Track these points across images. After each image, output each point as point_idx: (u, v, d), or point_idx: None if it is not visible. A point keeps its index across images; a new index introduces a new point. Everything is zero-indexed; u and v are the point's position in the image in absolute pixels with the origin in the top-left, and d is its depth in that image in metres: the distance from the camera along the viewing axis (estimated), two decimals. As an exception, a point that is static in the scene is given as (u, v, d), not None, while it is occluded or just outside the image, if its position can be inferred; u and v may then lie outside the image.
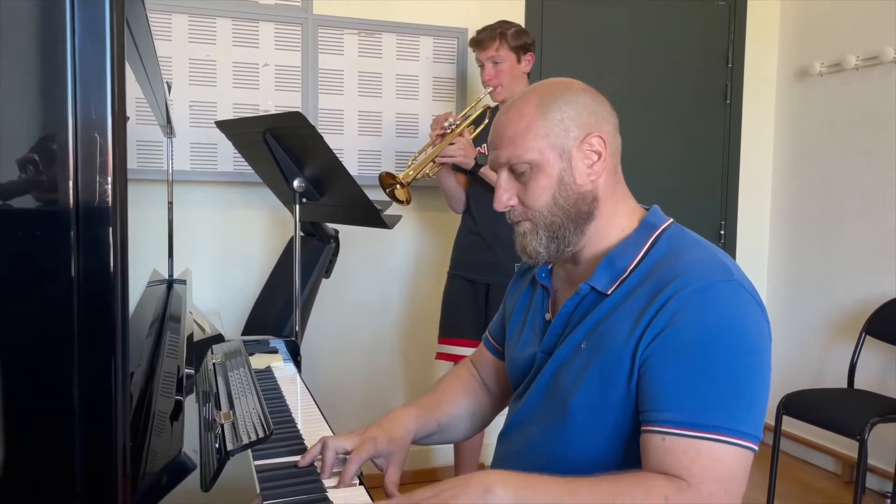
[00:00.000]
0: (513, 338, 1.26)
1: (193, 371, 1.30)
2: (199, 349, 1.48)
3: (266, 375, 1.69)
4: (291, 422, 1.37)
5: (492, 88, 2.48)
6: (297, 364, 1.83)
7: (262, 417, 1.01)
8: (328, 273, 2.41)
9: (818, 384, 3.12)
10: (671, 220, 1.12)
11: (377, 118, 2.92)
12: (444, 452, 2.98)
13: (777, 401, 2.67)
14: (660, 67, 3.34)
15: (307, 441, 1.26)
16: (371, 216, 2.08)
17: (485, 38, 2.47)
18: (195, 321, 1.71)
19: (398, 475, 1.16)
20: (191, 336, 1.50)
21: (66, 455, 0.59)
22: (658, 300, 0.99)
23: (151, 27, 1.16)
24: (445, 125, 2.45)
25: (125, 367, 0.60)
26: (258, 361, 1.77)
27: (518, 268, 1.36)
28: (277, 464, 1.16)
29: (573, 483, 0.94)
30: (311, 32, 2.80)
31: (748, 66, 3.48)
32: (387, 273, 3.03)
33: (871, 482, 2.94)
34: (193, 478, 0.83)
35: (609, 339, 1.03)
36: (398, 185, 2.36)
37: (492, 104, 2.57)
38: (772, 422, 2.58)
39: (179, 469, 0.80)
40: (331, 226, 2.40)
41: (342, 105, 2.87)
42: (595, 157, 1.08)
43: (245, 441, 0.93)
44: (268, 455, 1.18)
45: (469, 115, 2.52)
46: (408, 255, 3.05)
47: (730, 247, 3.51)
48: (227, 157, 2.72)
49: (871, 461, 2.85)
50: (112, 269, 0.58)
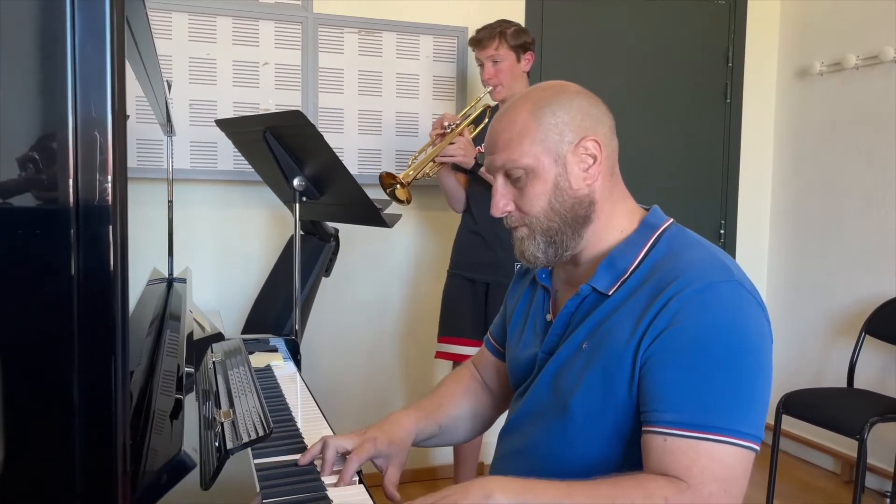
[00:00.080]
0: (514, 338, 1.26)
1: (193, 370, 1.30)
2: (199, 348, 1.48)
3: (266, 374, 1.69)
4: (291, 420, 1.37)
5: (491, 87, 2.48)
6: (297, 363, 1.84)
7: (262, 416, 1.01)
8: (328, 272, 2.41)
9: (818, 383, 3.12)
10: (671, 220, 1.12)
11: (377, 117, 2.92)
12: (444, 451, 2.98)
13: (777, 400, 2.67)
14: (660, 67, 3.34)
15: (307, 440, 1.26)
16: (371, 215, 2.08)
17: (484, 38, 2.47)
18: (195, 320, 1.71)
19: (398, 476, 1.16)
20: (191, 335, 1.50)
21: (67, 454, 0.59)
22: (659, 301, 0.99)
23: (151, 25, 1.16)
24: (445, 125, 2.45)
25: (125, 366, 0.60)
26: (258, 360, 1.77)
27: (518, 269, 1.36)
28: (277, 462, 1.16)
29: (572, 486, 0.94)
30: (312, 31, 2.80)
31: (748, 66, 3.47)
32: (387, 272, 3.03)
33: (871, 482, 2.94)
34: (193, 476, 0.83)
35: (610, 340, 1.03)
36: (398, 185, 2.36)
37: (492, 103, 2.57)
38: (771, 421, 2.58)
39: (179, 467, 0.80)
40: (331, 224, 2.40)
41: (342, 104, 2.87)
42: (590, 161, 1.08)
43: (245, 440, 0.93)
44: (268, 454, 1.18)
45: (469, 115, 2.52)
46: (408, 254, 3.05)
47: (730, 246, 3.51)
48: (228, 156, 2.72)
49: (871, 460, 2.85)
50: (112, 268, 0.58)
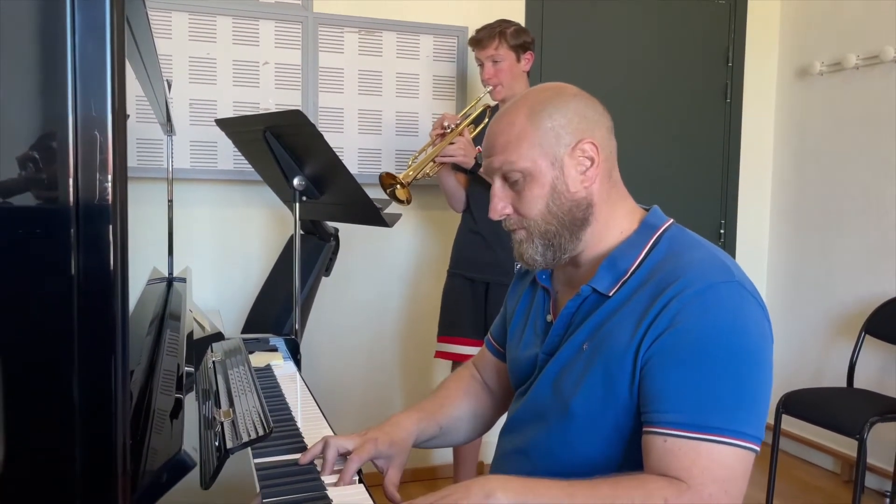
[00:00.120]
0: (514, 339, 1.26)
1: (193, 369, 1.30)
2: (199, 347, 1.48)
3: (266, 374, 1.69)
4: (291, 420, 1.37)
5: (491, 87, 2.48)
6: (297, 362, 1.84)
7: (262, 415, 1.01)
8: (328, 271, 2.41)
9: (818, 383, 3.12)
10: (671, 221, 1.12)
11: (377, 116, 2.92)
12: (444, 451, 2.98)
13: (777, 400, 2.67)
14: (660, 67, 3.34)
15: (307, 439, 1.26)
16: (371, 214, 2.08)
17: (484, 37, 2.47)
18: (195, 319, 1.71)
19: (398, 477, 1.17)
20: (191, 334, 1.50)
21: (67, 453, 0.59)
22: (659, 301, 0.99)
23: (151, 25, 1.16)
24: (445, 125, 2.45)
25: (125, 365, 0.60)
26: (258, 360, 1.77)
27: (518, 269, 1.36)
28: (277, 462, 1.16)
29: (573, 486, 0.94)
30: (312, 30, 2.80)
31: (748, 66, 3.47)
32: (386, 271, 3.03)
33: (871, 481, 2.94)
34: (193, 476, 0.83)
35: (611, 341, 1.03)
36: (398, 186, 2.36)
37: (492, 103, 2.57)
38: (771, 421, 2.58)
39: (179, 467, 0.80)
40: (331, 224, 2.40)
41: (342, 103, 2.87)
42: (588, 164, 1.08)
43: (245, 439, 0.93)
44: (267, 453, 1.18)
45: (469, 115, 2.52)
46: (407, 254, 3.05)
47: (730, 246, 3.51)
48: (227, 156, 2.72)
49: (871, 460, 2.85)
50: (112, 267, 0.58)
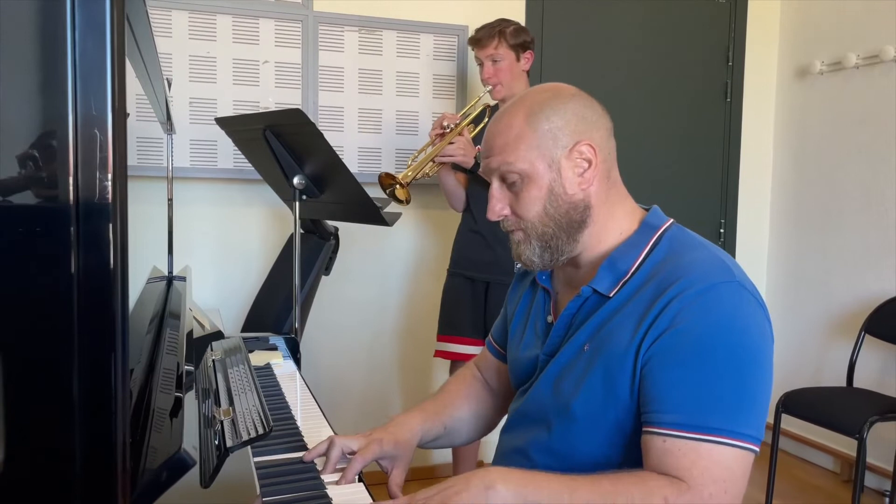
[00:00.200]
0: (514, 340, 1.26)
1: (193, 368, 1.30)
2: (199, 346, 1.48)
3: (265, 372, 1.69)
4: (291, 419, 1.37)
5: (491, 87, 2.48)
6: (297, 361, 1.84)
7: (262, 414, 1.01)
8: (328, 270, 2.41)
9: (817, 383, 3.12)
10: (671, 221, 1.12)
11: (377, 115, 2.92)
12: (443, 450, 2.98)
13: (776, 399, 2.67)
14: (660, 66, 3.34)
15: (306, 438, 1.26)
16: (371, 213, 2.08)
17: (483, 37, 2.47)
18: (195, 318, 1.71)
19: (402, 477, 1.17)
20: (190, 333, 1.50)
21: (66, 451, 0.59)
22: (660, 302, 0.99)
23: (151, 23, 1.16)
24: (444, 125, 2.45)
25: (125, 364, 0.60)
26: (258, 358, 1.77)
27: (518, 270, 1.36)
28: (277, 460, 1.16)
29: (574, 481, 0.94)
30: (312, 29, 2.80)
31: (748, 65, 3.47)
32: (386, 270, 3.03)
33: (870, 481, 2.94)
34: (193, 474, 0.83)
35: (612, 341, 1.03)
36: (397, 186, 2.36)
37: (491, 102, 2.57)
38: (771, 420, 2.58)
39: (179, 465, 0.80)
40: (331, 223, 2.40)
41: (342, 102, 2.87)
42: (585, 166, 1.07)
43: (245, 438, 0.93)
44: (267, 452, 1.18)
45: (469, 114, 2.52)
46: (407, 253, 3.05)
47: (729, 245, 3.51)
48: (227, 154, 2.72)
49: (870, 460, 2.85)
50: (112, 266, 0.58)
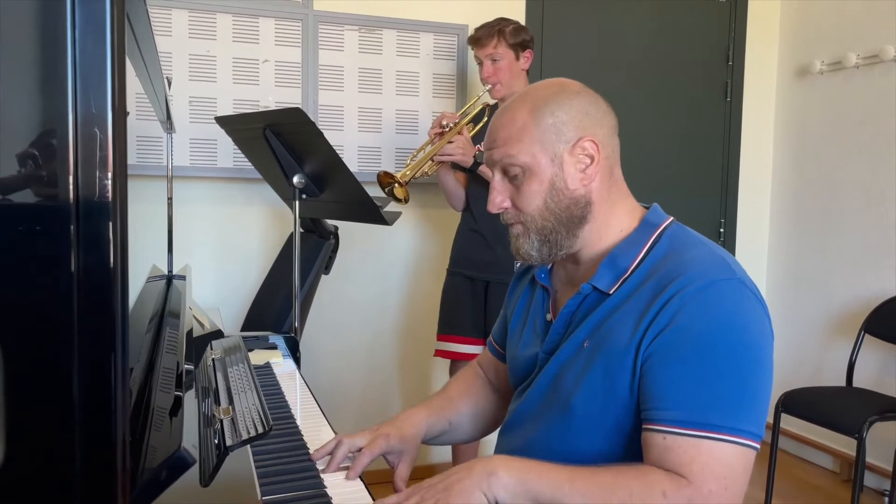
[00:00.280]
0: (514, 338, 1.26)
1: (193, 367, 1.30)
2: (199, 345, 1.48)
3: (265, 371, 1.69)
4: (290, 417, 1.37)
5: (490, 86, 2.48)
6: (297, 360, 1.84)
7: (262, 413, 1.01)
8: (328, 269, 2.41)
9: (817, 382, 3.12)
10: (671, 219, 1.12)
11: (377, 115, 2.92)
12: (442, 449, 2.98)
13: (776, 399, 2.67)
14: (660, 65, 3.34)
15: (306, 437, 1.26)
16: (371, 213, 2.08)
17: (483, 36, 2.47)
18: (194, 317, 1.71)
19: (408, 472, 1.18)
20: (190, 332, 1.50)
21: (66, 450, 0.59)
22: (660, 299, 0.99)
23: (152, 22, 1.16)
24: (444, 124, 2.45)
25: (125, 363, 0.60)
26: (257, 357, 1.77)
27: (517, 269, 1.36)
28: (277, 459, 1.16)
29: (575, 472, 0.95)
30: (312, 28, 2.80)
31: (749, 64, 3.47)
32: (386, 270, 3.03)
33: (870, 480, 2.94)
34: (192, 473, 0.83)
35: (612, 339, 1.03)
36: (396, 184, 2.36)
37: (491, 101, 2.57)
38: (770, 420, 2.58)
39: (179, 464, 0.80)
40: (330, 222, 2.40)
41: (342, 101, 2.87)
42: (588, 161, 1.07)
43: (244, 437, 0.93)
44: (267, 451, 1.18)
45: (468, 113, 2.52)
46: (407, 252, 3.05)
47: (729, 245, 3.51)
48: (227, 153, 2.72)
49: (870, 459, 2.85)
50: (112, 265, 0.58)
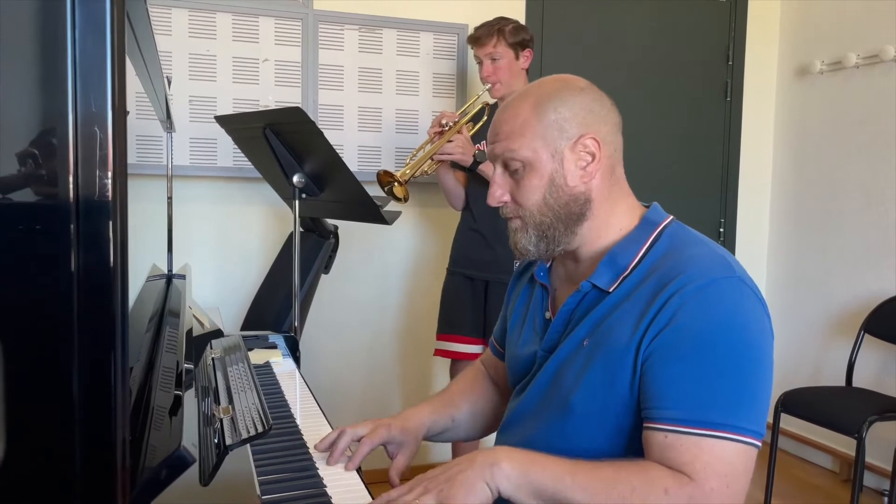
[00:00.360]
0: (513, 336, 1.26)
1: (192, 366, 1.30)
2: (199, 344, 1.48)
3: (265, 371, 1.69)
4: (290, 417, 1.37)
5: (490, 85, 2.48)
6: (296, 359, 1.84)
7: (261, 412, 1.01)
8: (327, 269, 2.41)
9: (816, 382, 3.13)
10: (671, 217, 1.13)
11: (377, 114, 2.92)
12: (442, 449, 2.98)
13: (775, 399, 2.67)
14: (660, 65, 3.34)
15: (306, 436, 1.26)
16: (370, 212, 2.08)
17: (482, 35, 2.47)
18: (194, 316, 1.71)
19: (405, 465, 1.19)
20: (190, 331, 1.50)
21: (66, 449, 0.59)
22: (660, 297, 0.99)
23: (152, 21, 1.16)
24: (443, 123, 2.45)
25: (125, 362, 0.60)
26: (257, 357, 1.77)
27: (517, 268, 1.36)
28: (276, 458, 1.16)
29: (577, 465, 0.96)
30: (312, 28, 2.80)
31: (749, 64, 3.47)
32: (386, 269, 3.03)
33: (869, 480, 2.94)
34: (192, 472, 0.83)
35: (612, 337, 1.03)
36: (396, 183, 2.36)
37: (490, 101, 2.57)
38: (770, 419, 2.58)
39: (179, 463, 0.80)
40: (330, 221, 2.40)
41: (342, 101, 2.87)
42: (588, 159, 1.07)
43: (244, 436, 0.93)
44: (267, 450, 1.18)
45: (468, 112, 2.52)
46: (407, 252, 3.05)
47: (729, 244, 3.51)
48: (227, 153, 2.72)
49: (869, 459, 2.85)
50: (112, 264, 0.58)
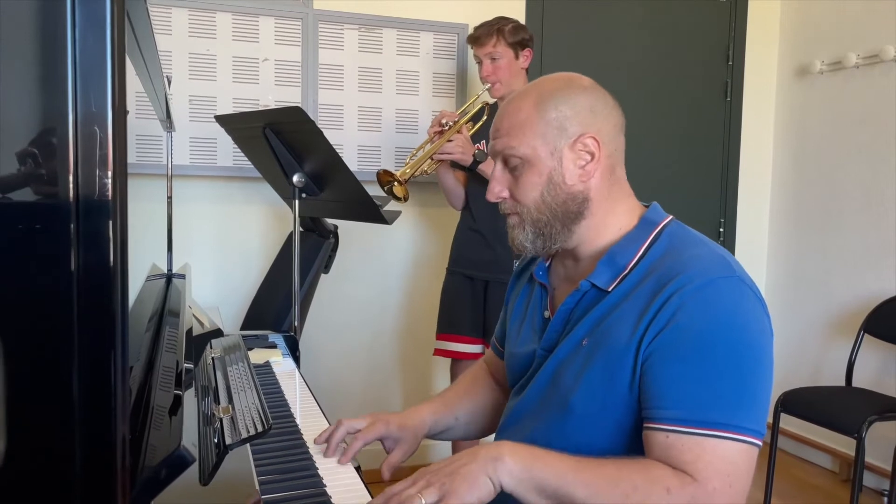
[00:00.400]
0: (512, 335, 1.26)
1: (192, 365, 1.30)
2: (198, 344, 1.48)
3: (265, 370, 1.69)
4: (290, 416, 1.37)
5: (490, 84, 2.47)
6: (296, 359, 1.84)
7: (261, 412, 1.01)
8: (327, 268, 2.41)
9: (816, 382, 3.13)
10: (671, 217, 1.12)
11: (377, 114, 2.92)
12: (442, 448, 2.99)
13: (775, 399, 2.67)
14: (660, 65, 3.34)
15: (305, 436, 1.26)
16: (370, 212, 2.08)
17: (482, 35, 2.47)
18: (194, 316, 1.71)
19: (398, 461, 1.18)
20: (190, 331, 1.49)
21: (66, 448, 0.59)
22: (660, 297, 0.99)
23: (152, 21, 1.16)
24: (443, 122, 2.45)
25: (125, 362, 0.60)
26: (257, 356, 1.77)
27: (516, 267, 1.36)
28: (276, 458, 1.16)
29: (580, 462, 0.95)
30: (312, 27, 2.80)
31: (749, 64, 3.47)
32: (386, 269, 3.03)
33: (869, 480, 2.94)
34: (192, 472, 0.83)
35: (611, 337, 1.03)
36: (395, 183, 2.36)
37: (490, 100, 2.57)
38: (770, 419, 2.58)
39: (178, 462, 0.80)
40: (330, 221, 2.40)
41: (342, 100, 2.87)
42: (588, 158, 1.08)
43: (244, 435, 0.93)
44: (267, 449, 1.18)
45: (467, 112, 2.52)
46: (407, 252, 3.05)
47: (729, 244, 3.51)
48: (227, 152, 2.72)
49: (869, 459, 2.85)
50: (112, 263, 0.58)
